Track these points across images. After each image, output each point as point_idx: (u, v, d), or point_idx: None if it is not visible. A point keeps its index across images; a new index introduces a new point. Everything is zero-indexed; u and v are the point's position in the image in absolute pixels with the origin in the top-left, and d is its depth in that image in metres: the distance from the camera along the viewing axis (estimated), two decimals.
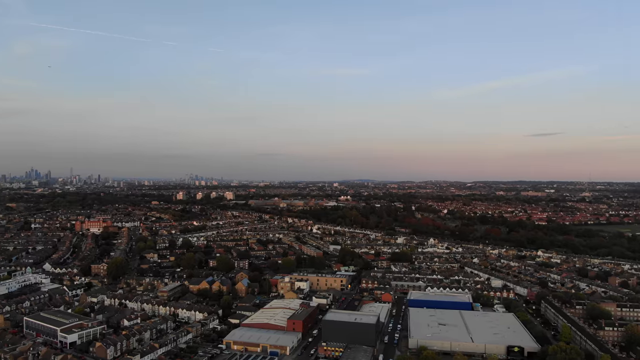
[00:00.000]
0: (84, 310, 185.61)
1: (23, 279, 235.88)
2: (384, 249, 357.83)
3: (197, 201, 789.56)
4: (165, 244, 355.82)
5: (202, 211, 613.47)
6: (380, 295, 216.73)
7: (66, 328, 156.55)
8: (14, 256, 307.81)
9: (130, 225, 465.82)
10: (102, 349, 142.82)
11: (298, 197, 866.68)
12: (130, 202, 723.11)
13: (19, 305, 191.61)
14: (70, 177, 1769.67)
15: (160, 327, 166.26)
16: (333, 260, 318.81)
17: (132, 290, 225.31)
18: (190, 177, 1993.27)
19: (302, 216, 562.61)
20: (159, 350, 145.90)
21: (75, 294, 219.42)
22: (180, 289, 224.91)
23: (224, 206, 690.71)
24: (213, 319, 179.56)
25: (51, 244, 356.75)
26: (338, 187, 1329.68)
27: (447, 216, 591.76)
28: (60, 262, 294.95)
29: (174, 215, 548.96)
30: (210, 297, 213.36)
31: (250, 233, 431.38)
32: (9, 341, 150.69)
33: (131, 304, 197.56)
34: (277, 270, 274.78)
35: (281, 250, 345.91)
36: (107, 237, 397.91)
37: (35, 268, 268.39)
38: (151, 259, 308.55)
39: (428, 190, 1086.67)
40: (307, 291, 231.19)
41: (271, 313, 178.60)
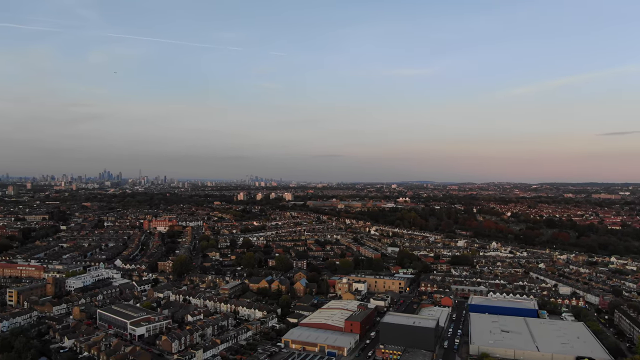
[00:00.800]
0: (151, 304, 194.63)
1: (97, 274, 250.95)
2: (443, 251, 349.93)
3: (257, 202, 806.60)
4: (226, 243, 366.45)
5: (261, 211, 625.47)
6: (440, 299, 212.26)
7: (135, 321, 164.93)
8: (89, 252, 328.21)
9: (194, 225, 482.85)
10: (168, 343, 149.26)
11: (356, 198, 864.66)
12: (194, 202, 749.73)
13: (93, 298, 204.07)
14: (139, 178, 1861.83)
15: (221, 323, 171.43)
16: (391, 262, 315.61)
17: (196, 287, 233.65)
18: (251, 178, 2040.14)
19: (360, 217, 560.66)
20: (220, 346, 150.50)
21: (143, 289, 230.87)
22: (241, 287, 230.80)
23: (283, 207, 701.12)
24: (272, 318, 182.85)
25: (122, 241, 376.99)
26: (396, 188, 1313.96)
27: (511, 219, 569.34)
28: (130, 258, 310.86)
29: (235, 215, 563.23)
30: (269, 296, 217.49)
31: (309, 234, 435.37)
32: (84, 331, 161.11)
33: (194, 300, 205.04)
34: (335, 271, 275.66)
35: (339, 251, 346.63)
36: (173, 235, 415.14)
37: (107, 264, 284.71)
38: (213, 257, 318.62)
39: (490, 192, 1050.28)
40: (364, 293, 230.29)
41: (329, 313, 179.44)
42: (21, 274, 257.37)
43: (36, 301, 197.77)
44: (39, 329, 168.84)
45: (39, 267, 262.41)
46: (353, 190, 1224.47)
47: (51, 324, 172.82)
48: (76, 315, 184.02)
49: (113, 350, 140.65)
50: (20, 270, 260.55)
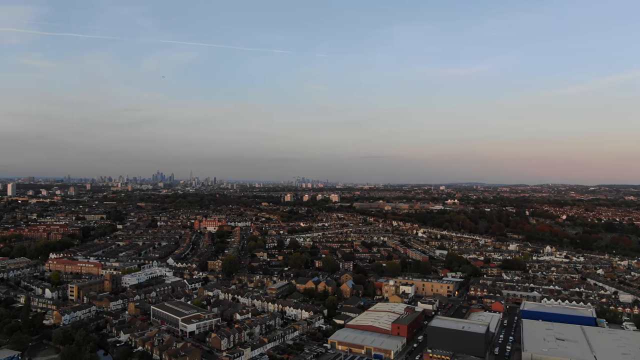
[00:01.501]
0: (202, 302, 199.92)
1: (150, 272, 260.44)
2: (494, 255, 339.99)
3: (303, 203, 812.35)
4: (274, 244, 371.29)
5: (308, 213, 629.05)
6: (490, 304, 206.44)
7: (186, 318, 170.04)
8: (143, 250, 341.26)
9: (242, 225, 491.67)
10: (217, 340, 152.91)
11: (403, 200, 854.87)
12: (242, 203, 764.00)
13: (147, 295, 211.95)
14: (190, 179, 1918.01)
15: (269, 322, 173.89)
16: (439, 265, 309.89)
17: (244, 286, 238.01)
18: (298, 180, 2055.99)
19: (407, 219, 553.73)
20: (268, 345, 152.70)
21: (194, 287, 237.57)
22: (288, 287, 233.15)
23: (330, 208, 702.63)
24: (318, 318, 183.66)
25: (174, 240, 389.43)
26: (444, 190, 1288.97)
27: (567, 222, 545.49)
28: (181, 257, 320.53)
29: (282, 216, 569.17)
30: (315, 297, 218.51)
31: (355, 235, 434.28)
32: (138, 327, 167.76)
33: (243, 299, 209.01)
34: (382, 273, 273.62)
35: (385, 253, 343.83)
36: (222, 235, 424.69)
37: (160, 262, 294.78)
38: (261, 257, 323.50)
39: (544, 194, 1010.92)
40: (412, 296, 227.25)
41: (375, 316, 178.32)
42: (81, 271, 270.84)
43: (95, 296, 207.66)
44: (97, 323, 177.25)
45: (98, 264, 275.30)
46: (400, 191, 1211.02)
47: (108, 319, 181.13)
48: (131, 311, 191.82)
49: (165, 346, 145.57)
50: (81, 266, 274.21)
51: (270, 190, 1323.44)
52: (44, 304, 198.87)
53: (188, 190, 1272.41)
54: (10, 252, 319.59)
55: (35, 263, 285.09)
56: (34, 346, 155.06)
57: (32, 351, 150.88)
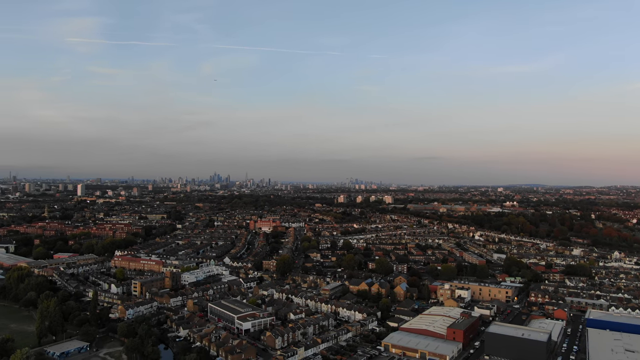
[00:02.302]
0: (257, 301, 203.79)
1: (208, 270, 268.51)
2: (556, 260, 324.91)
3: (356, 204, 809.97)
4: (327, 245, 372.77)
5: (361, 214, 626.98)
6: (553, 311, 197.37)
7: (242, 316, 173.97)
8: (201, 249, 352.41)
9: (296, 226, 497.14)
10: (272, 339, 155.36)
11: (459, 202, 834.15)
12: (296, 204, 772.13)
13: (204, 292, 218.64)
14: (246, 180, 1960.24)
15: (322, 323, 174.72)
16: (497, 269, 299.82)
17: (298, 286, 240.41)
18: (351, 181, 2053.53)
19: (463, 222, 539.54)
20: (321, 345, 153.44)
21: (249, 286, 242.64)
22: (341, 288, 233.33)
23: (383, 210, 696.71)
24: (372, 320, 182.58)
25: (230, 240, 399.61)
26: (503, 192, 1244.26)
27: (637, 227, 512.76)
28: (237, 256, 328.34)
29: (335, 217, 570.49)
30: (369, 299, 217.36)
31: (409, 237, 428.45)
32: (196, 323, 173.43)
33: (296, 299, 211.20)
34: (437, 276, 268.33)
35: (441, 256, 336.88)
36: (276, 236, 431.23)
37: (217, 261, 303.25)
38: (314, 258, 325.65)
39: (611, 197, 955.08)
40: (468, 300, 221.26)
41: (430, 319, 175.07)
42: (144, 268, 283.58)
43: (156, 292, 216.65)
44: (158, 318, 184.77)
45: (159, 261, 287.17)
46: (456, 193, 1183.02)
47: (168, 314, 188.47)
48: (190, 308, 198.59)
49: (222, 342, 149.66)
50: (143, 264, 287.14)
51: (324, 192, 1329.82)
52: (110, 299, 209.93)
53: (243, 191, 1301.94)
54: (80, 249, 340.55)
55: (102, 260, 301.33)
56: (101, 338, 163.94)
57: (99, 343, 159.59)
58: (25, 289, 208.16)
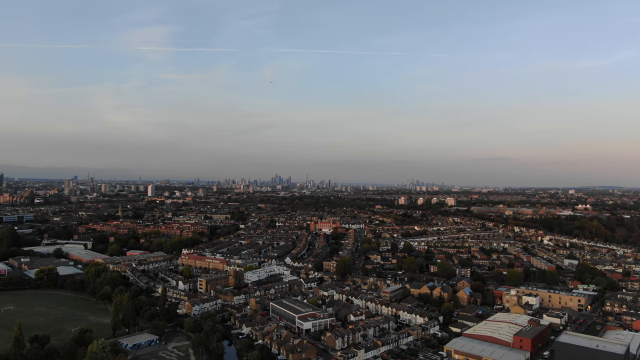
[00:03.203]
0: (317, 302, 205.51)
1: (269, 270, 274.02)
2: (635, 268, 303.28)
3: (418, 206, 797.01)
4: (387, 247, 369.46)
5: (422, 216, 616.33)
6: (631, 322, 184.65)
7: (303, 316, 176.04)
8: (263, 249, 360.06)
9: (356, 227, 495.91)
10: (332, 339, 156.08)
11: (526, 204, 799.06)
12: (356, 205, 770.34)
13: (266, 291, 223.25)
14: (306, 182, 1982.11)
15: (382, 325, 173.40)
16: (568, 276, 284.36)
17: (358, 288, 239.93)
18: (412, 183, 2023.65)
19: (531, 225, 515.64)
20: (382, 348, 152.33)
21: (309, 287, 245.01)
22: (402, 291, 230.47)
23: (445, 212, 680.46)
24: (434, 325, 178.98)
25: (291, 240, 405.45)
26: (574, 194, 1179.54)
27: None
28: (298, 257, 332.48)
29: (396, 219, 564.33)
30: (430, 302, 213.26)
31: (473, 240, 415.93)
32: (259, 321, 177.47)
33: (356, 301, 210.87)
34: (502, 281, 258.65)
35: (506, 260, 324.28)
36: (336, 237, 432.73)
37: (278, 261, 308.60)
38: (375, 260, 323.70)
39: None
40: (536, 307, 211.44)
41: (495, 326, 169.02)
42: (209, 266, 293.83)
43: (220, 290, 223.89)
44: (222, 315, 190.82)
45: (223, 260, 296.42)
46: (522, 195, 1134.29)
47: (232, 312, 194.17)
48: (252, 306, 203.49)
49: (283, 341, 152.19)
50: (208, 262, 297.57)
51: (384, 193, 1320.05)
52: (178, 295, 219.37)
53: (304, 193, 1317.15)
54: (150, 247, 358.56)
55: (170, 257, 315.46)
56: (169, 332, 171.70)
57: (168, 336, 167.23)
58: (101, 283, 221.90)
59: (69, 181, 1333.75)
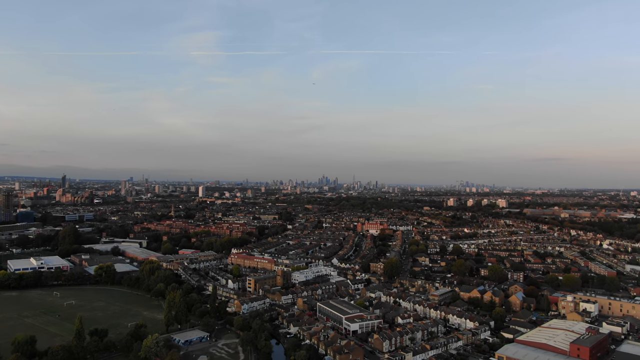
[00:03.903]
0: (364, 303, 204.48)
1: (317, 270, 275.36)
2: None
3: (467, 208, 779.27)
4: (436, 249, 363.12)
5: (472, 218, 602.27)
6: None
7: (350, 317, 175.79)
8: (310, 250, 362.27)
9: (404, 229, 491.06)
10: (379, 341, 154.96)
11: (583, 206, 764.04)
12: (403, 207, 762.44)
13: (313, 292, 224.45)
14: (353, 183, 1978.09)
15: (431, 329, 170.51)
16: (630, 282, 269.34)
17: (405, 290, 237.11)
18: (461, 184, 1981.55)
19: (589, 229, 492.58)
20: (430, 351, 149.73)
21: (356, 288, 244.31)
22: (451, 294, 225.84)
23: (496, 214, 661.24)
24: (484, 330, 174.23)
25: (338, 241, 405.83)
26: (637, 196, 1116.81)
27: None
28: (345, 258, 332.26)
29: (445, 221, 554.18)
30: (481, 307, 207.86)
31: (526, 244, 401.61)
32: (306, 321, 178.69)
33: (404, 303, 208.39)
34: (558, 287, 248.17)
35: (562, 265, 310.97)
36: (384, 238, 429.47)
37: (325, 261, 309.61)
38: (423, 262, 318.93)
39: None
40: (595, 315, 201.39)
41: (550, 333, 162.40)
42: (257, 265, 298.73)
43: (268, 290, 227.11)
44: (270, 315, 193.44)
45: (271, 260, 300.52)
46: (580, 197, 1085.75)
47: (280, 311, 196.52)
48: (300, 306, 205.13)
49: (330, 342, 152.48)
50: (257, 262, 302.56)
51: (432, 195, 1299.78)
52: (227, 293, 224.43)
53: (351, 194, 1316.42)
54: (201, 246, 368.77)
55: (220, 257, 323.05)
56: (219, 329, 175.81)
57: (218, 333, 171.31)
58: (155, 280, 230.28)
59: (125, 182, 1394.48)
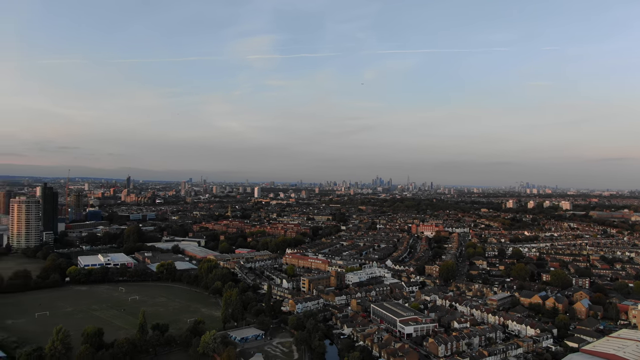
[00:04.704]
0: (419, 306, 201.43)
1: (370, 272, 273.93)
2: None
3: (528, 210, 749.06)
4: (494, 252, 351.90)
5: (533, 221, 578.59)
6: None
7: (404, 320, 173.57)
8: (364, 251, 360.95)
9: (460, 231, 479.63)
10: (434, 346, 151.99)
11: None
12: (460, 208, 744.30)
13: (367, 293, 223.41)
14: (407, 184, 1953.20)
15: (489, 335, 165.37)
16: None
17: (462, 294, 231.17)
18: (521, 185, 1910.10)
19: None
20: (488, 358, 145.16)
21: (411, 290, 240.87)
22: (510, 299, 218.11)
23: (559, 216, 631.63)
24: (546, 337, 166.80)
25: (392, 243, 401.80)
26: None
27: None
28: (399, 260, 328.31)
29: (504, 223, 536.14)
30: (542, 313, 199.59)
31: (592, 248, 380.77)
32: (359, 322, 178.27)
33: (461, 308, 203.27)
34: (628, 294, 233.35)
35: (633, 271, 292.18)
36: (439, 240, 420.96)
37: (379, 263, 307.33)
38: (480, 265, 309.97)
39: None
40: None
41: (619, 343, 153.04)
42: (311, 266, 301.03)
43: (322, 290, 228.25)
44: (324, 315, 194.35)
45: (325, 261, 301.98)
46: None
47: (333, 312, 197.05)
48: (353, 307, 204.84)
49: (384, 344, 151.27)
50: (311, 262, 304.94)
51: (490, 196, 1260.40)
52: (282, 293, 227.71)
53: (405, 195, 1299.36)
54: (257, 246, 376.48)
55: (275, 256, 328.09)
56: (274, 328, 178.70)
57: (272, 332, 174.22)
58: (213, 278, 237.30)
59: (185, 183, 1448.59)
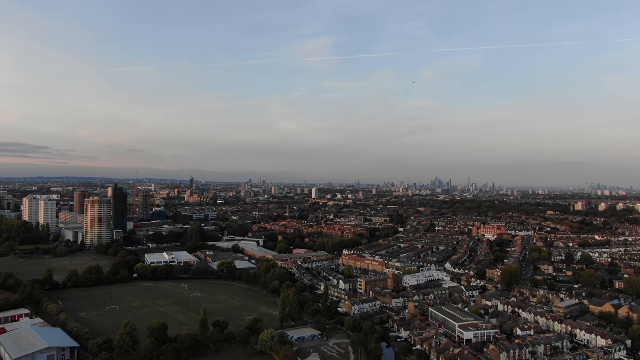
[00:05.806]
0: (479, 311, 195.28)
1: (429, 274, 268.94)
2: None
3: (599, 213, 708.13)
4: (561, 257, 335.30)
5: (605, 224, 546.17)
6: None
7: (463, 325, 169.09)
8: (422, 254, 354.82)
9: (524, 235, 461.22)
10: (496, 353, 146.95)
11: None
12: (524, 210, 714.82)
13: (425, 296, 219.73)
14: (468, 185, 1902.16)
15: (555, 344, 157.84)
16: None
17: (525, 300, 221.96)
18: (591, 187, 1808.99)
19: None
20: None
21: (471, 295, 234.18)
22: (579, 307, 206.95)
23: (634, 220, 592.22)
24: (619, 349, 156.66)
25: (451, 246, 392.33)
26: None
27: None
28: (459, 263, 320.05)
29: (572, 226, 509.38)
30: (615, 323, 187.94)
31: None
32: (417, 326, 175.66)
33: (524, 314, 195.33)
34: None
35: None
36: (501, 244, 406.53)
37: (437, 266, 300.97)
38: (546, 270, 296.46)
39: None
40: None
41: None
42: (368, 267, 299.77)
43: (379, 292, 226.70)
44: (381, 317, 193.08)
45: (382, 262, 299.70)
46: None
47: (390, 315, 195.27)
48: (411, 310, 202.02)
49: (443, 349, 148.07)
50: (367, 264, 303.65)
51: (557, 198, 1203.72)
52: (339, 294, 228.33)
53: (465, 197, 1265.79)
54: (314, 246, 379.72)
55: (332, 257, 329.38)
56: (330, 329, 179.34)
57: (329, 333, 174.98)
58: (271, 278, 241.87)
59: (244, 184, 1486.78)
